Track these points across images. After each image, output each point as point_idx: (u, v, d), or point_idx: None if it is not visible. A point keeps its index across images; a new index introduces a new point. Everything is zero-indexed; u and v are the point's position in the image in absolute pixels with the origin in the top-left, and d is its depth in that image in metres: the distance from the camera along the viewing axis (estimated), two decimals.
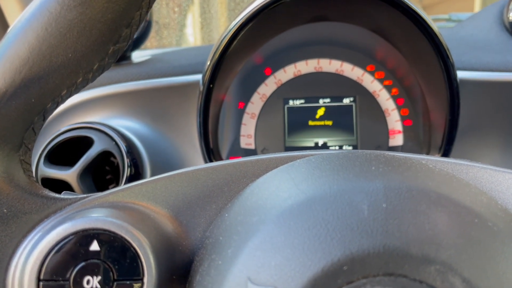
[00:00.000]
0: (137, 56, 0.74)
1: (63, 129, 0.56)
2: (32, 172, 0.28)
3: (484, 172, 0.28)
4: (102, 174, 0.61)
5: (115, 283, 0.24)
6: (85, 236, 0.24)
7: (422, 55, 0.56)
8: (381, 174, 0.24)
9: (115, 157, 0.60)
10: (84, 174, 0.54)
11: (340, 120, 0.64)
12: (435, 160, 0.29)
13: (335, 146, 0.64)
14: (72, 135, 0.56)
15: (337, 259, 0.21)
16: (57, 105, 0.27)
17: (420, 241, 0.21)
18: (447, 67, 0.54)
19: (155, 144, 0.62)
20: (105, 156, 0.58)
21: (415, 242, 0.21)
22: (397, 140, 0.64)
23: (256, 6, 0.52)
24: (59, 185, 0.54)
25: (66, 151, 0.57)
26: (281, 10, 0.54)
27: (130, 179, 0.56)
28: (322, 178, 0.25)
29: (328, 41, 0.64)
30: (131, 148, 0.58)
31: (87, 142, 0.57)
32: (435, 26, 0.53)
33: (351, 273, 0.21)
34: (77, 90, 0.27)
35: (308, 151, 0.31)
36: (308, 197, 0.23)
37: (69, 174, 0.53)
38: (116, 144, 0.56)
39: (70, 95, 0.27)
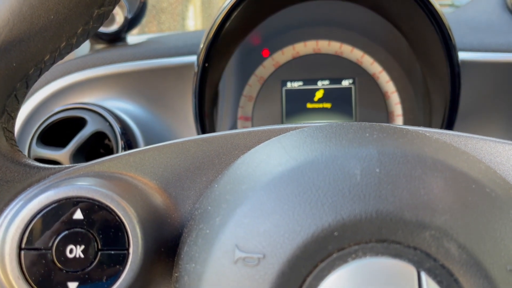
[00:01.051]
0: (133, 40, 0.72)
1: (57, 109, 0.55)
2: (15, 141, 0.27)
3: (484, 143, 0.27)
4: (97, 157, 0.61)
5: (99, 253, 0.23)
6: (68, 204, 0.24)
7: (424, 35, 0.55)
8: (375, 140, 0.23)
9: (109, 140, 0.59)
10: (77, 155, 0.53)
11: (339, 103, 0.63)
12: (433, 131, 0.28)
13: None
14: (66, 115, 0.55)
15: (328, 225, 0.20)
16: (41, 72, 0.26)
17: (415, 206, 0.20)
18: (449, 48, 0.52)
19: (150, 126, 0.61)
20: (99, 138, 0.57)
21: (409, 207, 0.20)
22: (397, 123, 0.63)
23: None
24: None
25: (60, 132, 0.57)
26: None
27: None
28: (314, 145, 0.24)
29: (327, 21, 0.63)
30: (126, 130, 0.57)
31: (81, 124, 0.56)
32: (437, 5, 0.52)
33: (342, 239, 0.20)
34: (60, 56, 0.26)
35: (302, 123, 0.30)
36: (298, 163, 0.22)
37: (62, 154, 0.52)
38: (110, 125, 0.55)
39: (53, 61, 0.26)
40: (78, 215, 0.24)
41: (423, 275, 0.19)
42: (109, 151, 0.61)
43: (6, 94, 0.25)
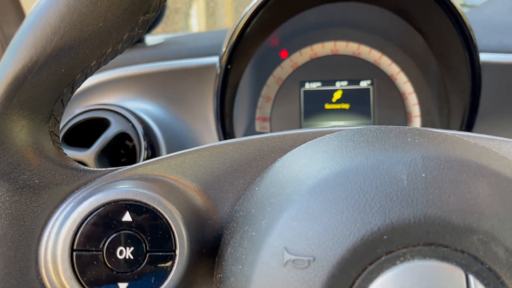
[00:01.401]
0: (151, 40, 0.73)
1: (79, 110, 0.56)
2: (60, 144, 0.28)
3: None
4: (117, 157, 0.61)
5: (147, 254, 0.24)
6: (117, 207, 0.24)
7: (444, 36, 0.55)
8: (418, 145, 0.24)
9: (129, 140, 0.60)
10: (101, 155, 0.54)
11: (357, 104, 0.63)
12: (467, 135, 0.28)
13: None
14: (89, 117, 0.56)
15: (377, 228, 0.20)
16: (86, 77, 0.27)
17: (462, 211, 0.20)
18: (470, 49, 0.53)
19: (170, 127, 0.62)
20: (120, 139, 0.58)
21: (456, 211, 0.20)
22: (415, 124, 0.63)
23: None
24: None
25: (81, 134, 0.57)
26: None
27: None
28: (357, 149, 0.24)
29: (345, 23, 0.63)
30: (148, 131, 0.58)
31: (102, 125, 0.57)
32: (458, 5, 0.52)
33: (391, 243, 0.20)
34: (105, 62, 0.27)
35: (337, 127, 0.30)
36: (344, 167, 0.23)
37: (87, 155, 0.53)
38: (133, 126, 0.56)
39: (98, 66, 0.27)
40: (127, 217, 0.24)
41: (471, 278, 0.20)
42: (129, 151, 0.61)
43: (54, 99, 0.26)
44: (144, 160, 0.57)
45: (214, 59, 0.62)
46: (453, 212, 0.20)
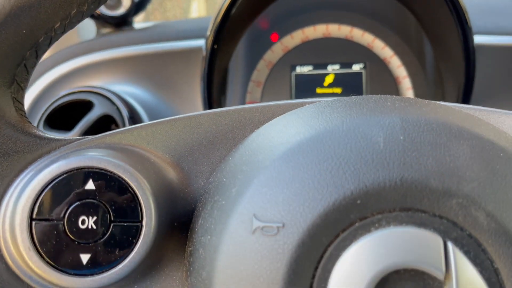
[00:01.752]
0: (140, 26, 0.72)
1: (63, 92, 0.55)
2: (24, 112, 0.26)
3: (506, 117, 0.26)
4: None
5: (111, 225, 0.23)
6: (80, 175, 0.23)
7: (438, 17, 0.54)
8: (398, 108, 0.22)
9: (116, 125, 0.58)
10: None
11: (350, 88, 0.62)
12: (454, 105, 0.27)
13: None
14: (72, 99, 0.54)
15: (350, 193, 0.19)
16: (51, 41, 0.26)
17: (441, 174, 0.19)
18: (465, 31, 0.51)
19: (157, 110, 0.60)
20: (106, 123, 0.57)
21: (435, 174, 0.19)
22: None
23: None
24: None
25: (67, 116, 0.56)
26: None
27: None
28: (333, 114, 0.23)
29: (337, 5, 0.62)
30: (133, 114, 0.56)
31: (87, 107, 0.55)
32: None
33: (365, 208, 0.19)
34: (70, 25, 0.26)
35: (317, 98, 0.29)
36: (318, 131, 0.22)
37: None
38: (118, 109, 0.55)
39: (63, 30, 0.25)
40: (90, 185, 0.23)
41: (450, 245, 0.18)
42: None
43: (15, 62, 0.24)
44: None
45: (202, 42, 0.60)
46: (431, 175, 0.19)
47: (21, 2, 0.23)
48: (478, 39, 0.57)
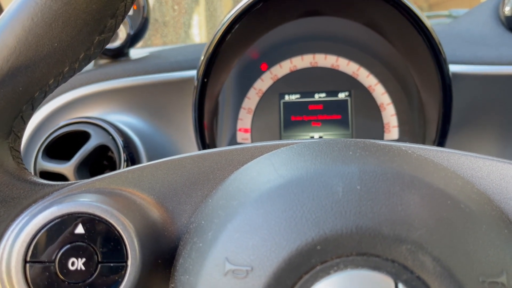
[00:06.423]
0: (136, 53, 0.75)
1: (61, 123, 0.57)
2: (21, 159, 0.29)
3: (465, 159, 0.28)
4: (100, 169, 0.62)
5: (99, 265, 0.25)
6: (71, 219, 0.25)
7: (415, 49, 0.57)
8: (357, 158, 0.25)
9: (112, 152, 0.61)
10: (81, 167, 0.55)
11: (336, 115, 0.64)
12: (416, 147, 0.29)
13: None
14: (70, 130, 0.57)
15: (311, 239, 0.21)
16: (45, 95, 0.28)
17: (392, 222, 0.21)
18: (439, 62, 0.54)
19: (152, 139, 0.63)
20: (103, 151, 0.59)
21: (387, 222, 0.21)
22: (393, 134, 0.64)
23: (248, 1, 0.53)
24: (57, 179, 0.55)
25: (64, 146, 0.58)
26: (273, 5, 0.55)
27: None
28: (300, 162, 0.25)
29: (323, 36, 0.65)
30: (128, 143, 0.59)
31: (84, 137, 0.58)
32: (427, 20, 0.53)
33: (325, 253, 0.21)
34: (64, 80, 0.28)
35: (294, 139, 0.31)
36: (285, 180, 0.24)
37: (66, 168, 0.54)
38: (113, 138, 0.57)
39: (57, 84, 0.28)
40: (80, 229, 0.25)
41: (400, 287, 0.20)
42: (113, 163, 0.62)
43: (13, 116, 0.27)
44: None
45: (194, 72, 0.63)
46: (383, 223, 0.21)
47: (17, 63, 0.26)
48: (457, 68, 0.60)
